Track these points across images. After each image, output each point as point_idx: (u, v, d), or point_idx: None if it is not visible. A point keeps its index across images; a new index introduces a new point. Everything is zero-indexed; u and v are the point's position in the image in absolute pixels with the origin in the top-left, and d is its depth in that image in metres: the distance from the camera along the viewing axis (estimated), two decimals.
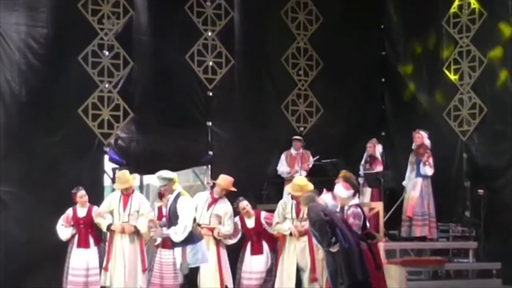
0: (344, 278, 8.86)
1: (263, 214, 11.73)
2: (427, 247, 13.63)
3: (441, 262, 13.02)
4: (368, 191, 14.15)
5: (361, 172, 14.29)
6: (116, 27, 13.66)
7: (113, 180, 13.19)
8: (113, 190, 12.28)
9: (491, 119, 14.03)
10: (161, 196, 11.45)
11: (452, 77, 14.60)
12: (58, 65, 13.12)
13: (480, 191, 13.36)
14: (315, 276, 11.37)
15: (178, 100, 14.01)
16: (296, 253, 11.41)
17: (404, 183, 13.93)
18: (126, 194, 11.68)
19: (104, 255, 11.63)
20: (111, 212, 11.65)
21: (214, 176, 14.16)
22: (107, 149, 13.47)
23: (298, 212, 11.42)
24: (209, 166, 14.36)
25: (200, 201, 11.47)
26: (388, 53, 15.79)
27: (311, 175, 14.10)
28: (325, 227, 9.05)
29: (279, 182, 14.15)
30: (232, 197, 11.89)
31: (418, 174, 13.55)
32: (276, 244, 11.75)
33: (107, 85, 13.54)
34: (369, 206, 13.45)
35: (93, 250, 11.67)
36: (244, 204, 11.70)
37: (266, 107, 14.89)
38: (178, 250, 9.81)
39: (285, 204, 11.59)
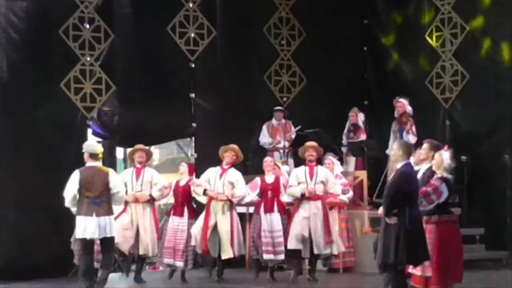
0: (401, 257, 8.30)
1: (283, 178, 12.07)
2: None
3: None
4: (352, 160, 14.21)
5: (344, 141, 14.34)
6: (96, 0, 13.57)
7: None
8: None
9: (474, 86, 14.07)
10: None
11: (434, 44, 14.61)
12: (39, 39, 13.05)
13: (463, 157, 13.42)
14: (330, 239, 11.61)
15: (160, 73, 13.97)
16: (309, 216, 11.58)
17: (388, 151, 13.96)
18: (139, 167, 11.89)
19: None
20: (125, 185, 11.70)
21: (197, 148, 14.23)
22: (90, 122, 13.44)
23: (311, 176, 11.66)
24: (193, 138, 14.37)
25: (212, 174, 11.87)
26: (370, 22, 15.77)
27: (294, 145, 14.16)
28: (394, 198, 8.41)
29: (263, 153, 14.16)
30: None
31: None
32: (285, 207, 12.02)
33: (88, 59, 13.48)
34: (353, 175, 13.53)
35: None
36: (268, 159, 12.28)
37: (249, 78, 14.88)
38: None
39: (298, 171, 11.85)
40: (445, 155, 8.93)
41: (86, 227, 10.09)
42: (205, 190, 11.77)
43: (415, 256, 8.30)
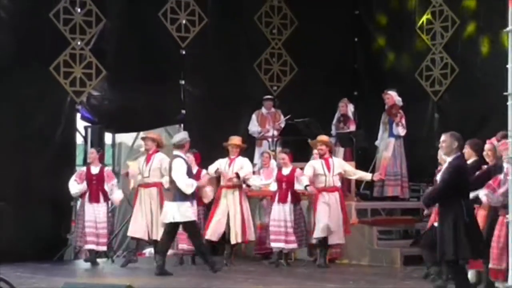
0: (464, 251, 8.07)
1: (299, 170, 12.22)
2: (398, 207, 13.77)
3: (412, 222, 13.16)
4: (341, 150, 14.21)
5: (333, 131, 14.34)
6: None
7: (85, 138, 13.18)
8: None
9: (463, 79, 14.10)
10: None
11: (425, 37, 14.63)
12: (29, 21, 12.99)
13: None
14: (348, 229, 12.03)
15: (151, 58, 13.93)
16: (329, 206, 11.90)
17: (376, 143, 14.00)
18: (150, 153, 12.10)
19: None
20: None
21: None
22: (79, 107, 13.40)
23: (328, 169, 11.98)
24: (182, 125, 14.34)
25: (222, 164, 12.31)
26: (361, 13, 15.77)
27: (283, 134, 14.16)
28: (446, 191, 8.21)
29: (251, 141, 14.16)
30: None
31: (391, 134, 13.62)
32: (299, 199, 12.27)
33: (79, 43, 13.45)
34: None
35: (102, 205, 12.20)
36: (282, 155, 12.40)
37: (239, 66, 14.87)
38: None
39: (315, 163, 12.13)
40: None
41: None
42: (217, 169, 12.22)
43: (477, 248, 8.12)
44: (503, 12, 9.15)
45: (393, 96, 13.71)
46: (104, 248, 12.34)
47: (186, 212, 10.87)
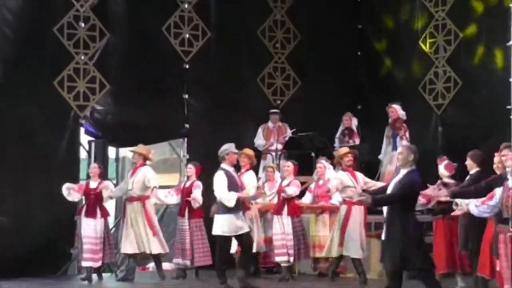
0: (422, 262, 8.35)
1: (297, 182, 12.16)
2: None
3: None
4: None
5: (337, 144, 14.35)
6: None
7: (89, 152, 13.20)
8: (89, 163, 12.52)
9: (466, 92, 14.11)
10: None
11: (428, 50, 14.64)
12: (33, 36, 13.04)
13: (455, 164, 13.43)
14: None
15: (154, 73, 13.97)
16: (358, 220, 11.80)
17: (380, 156, 14.00)
18: (136, 166, 12.14)
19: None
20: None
21: (189, 149, 14.22)
22: (83, 121, 13.43)
23: (356, 181, 11.80)
24: (185, 139, 14.36)
25: None
26: (365, 27, 15.80)
27: (287, 148, 14.17)
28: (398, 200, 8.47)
29: (257, 155, 14.15)
30: None
31: (395, 148, 13.60)
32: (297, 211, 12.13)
33: (82, 57, 13.48)
34: None
35: (99, 221, 12.01)
36: (288, 163, 12.40)
37: (242, 80, 14.90)
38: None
39: (342, 176, 11.89)
40: None
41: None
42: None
43: (423, 261, 8.26)
44: (506, 26, 9.18)
45: (397, 110, 13.72)
46: (99, 264, 12.06)
47: (223, 225, 10.71)
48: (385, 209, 8.51)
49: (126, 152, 15.11)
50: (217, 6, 14.68)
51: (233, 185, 10.83)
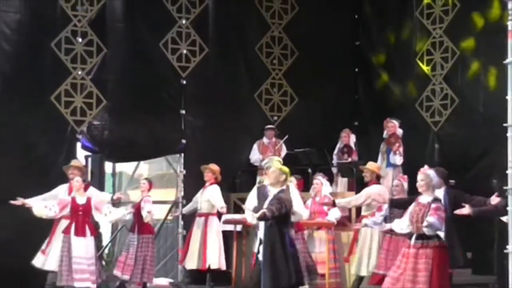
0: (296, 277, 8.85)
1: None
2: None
3: None
4: (341, 180, 14.22)
5: (335, 161, 14.35)
6: (89, 14, 13.59)
7: (86, 167, 13.17)
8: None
9: (463, 110, 14.13)
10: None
11: (425, 67, 14.68)
12: (31, 51, 13.05)
13: (452, 181, 13.43)
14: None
15: (151, 88, 13.98)
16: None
17: None
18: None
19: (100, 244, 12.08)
20: None
21: (186, 165, 14.22)
22: (79, 136, 13.42)
23: None
24: (182, 155, 14.36)
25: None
26: (362, 43, 15.85)
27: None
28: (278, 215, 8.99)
29: (252, 171, 14.17)
30: None
31: (388, 164, 13.62)
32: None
33: (80, 72, 13.49)
34: (342, 196, 13.50)
35: (90, 239, 11.35)
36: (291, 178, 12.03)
37: (239, 96, 14.91)
38: None
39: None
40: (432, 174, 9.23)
41: None
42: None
43: (296, 277, 8.71)
44: (503, 44, 9.21)
45: (395, 126, 13.72)
46: (94, 286, 11.32)
47: None
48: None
49: (122, 167, 15.13)
50: (215, 22, 14.71)
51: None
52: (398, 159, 13.49)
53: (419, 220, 8.68)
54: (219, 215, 12.82)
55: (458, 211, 9.37)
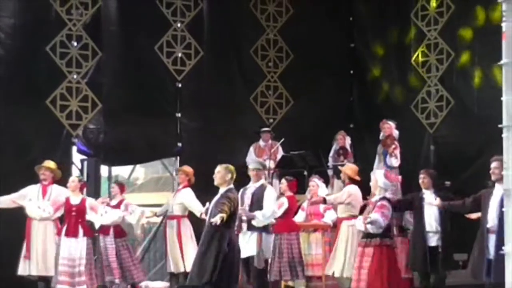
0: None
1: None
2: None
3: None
4: (337, 182, 14.20)
5: (330, 163, 14.36)
6: (84, 18, 13.61)
7: (81, 171, 13.17)
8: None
9: (458, 111, 14.15)
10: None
11: (420, 69, 14.70)
12: (26, 55, 13.06)
13: (447, 182, 13.45)
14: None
15: (147, 92, 13.99)
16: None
17: (372, 174, 13.97)
18: (45, 184, 11.71)
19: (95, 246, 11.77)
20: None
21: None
22: (75, 140, 13.42)
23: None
24: (178, 158, 14.36)
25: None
26: (357, 45, 15.86)
27: (280, 166, 14.16)
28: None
29: (248, 174, 14.11)
30: None
31: (385, 166, 13.62)
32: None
33: (75, 76, 13.50)
34: None
35: (82, 241, 11.19)
36: (282, 180, 12.31)
37: (235, 98, 14.92)
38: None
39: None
40: (378, 175, 9.38)
41: None
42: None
43: (232, 277, 8.78)
44: (498, 45, 9.22)
45: (391, 127, 13.71)
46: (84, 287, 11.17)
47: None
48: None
49: (118, 170, 15.13)
50: (210, 25, 14.72)
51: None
52: (394, 161, 13.48)
53: (366, 218, 9.30)
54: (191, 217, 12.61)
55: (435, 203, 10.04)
